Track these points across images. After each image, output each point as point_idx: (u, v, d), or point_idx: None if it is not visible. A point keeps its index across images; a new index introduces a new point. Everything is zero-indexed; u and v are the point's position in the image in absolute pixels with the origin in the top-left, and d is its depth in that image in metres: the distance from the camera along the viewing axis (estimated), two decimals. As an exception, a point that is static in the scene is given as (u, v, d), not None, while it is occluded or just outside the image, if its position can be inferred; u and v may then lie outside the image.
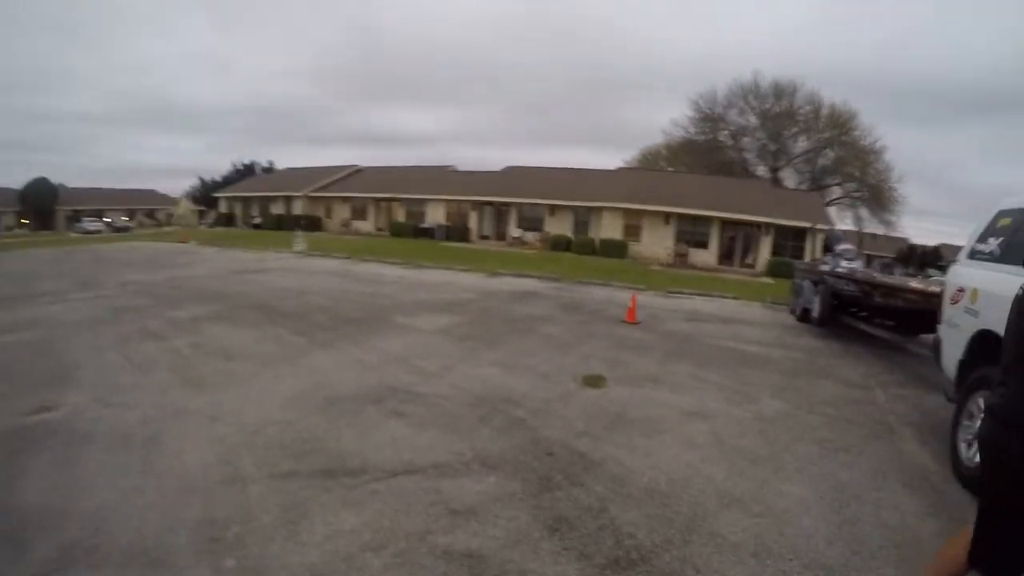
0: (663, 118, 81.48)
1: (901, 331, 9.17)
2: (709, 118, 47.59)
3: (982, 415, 4.14)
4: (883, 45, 77.50)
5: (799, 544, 3.32)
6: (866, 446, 5.03)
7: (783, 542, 3.33)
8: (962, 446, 4.47)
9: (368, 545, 3.03)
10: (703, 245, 31.46)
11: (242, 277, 12.38)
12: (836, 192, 45.03)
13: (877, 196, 42.50)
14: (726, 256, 31.51)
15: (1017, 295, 2.20)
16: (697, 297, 15.35)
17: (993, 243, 4.90)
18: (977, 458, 4.16)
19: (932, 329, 9.04)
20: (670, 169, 45.87)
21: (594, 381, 6.27)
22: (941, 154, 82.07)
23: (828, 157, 45.17)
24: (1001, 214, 4.96)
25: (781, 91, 45.06)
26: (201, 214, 58.54)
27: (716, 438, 4.87)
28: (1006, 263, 4.55)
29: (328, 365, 6.32)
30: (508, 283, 14.86)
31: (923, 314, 8.69)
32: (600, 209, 32.85)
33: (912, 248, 21.34)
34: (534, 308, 11.00)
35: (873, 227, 42.76)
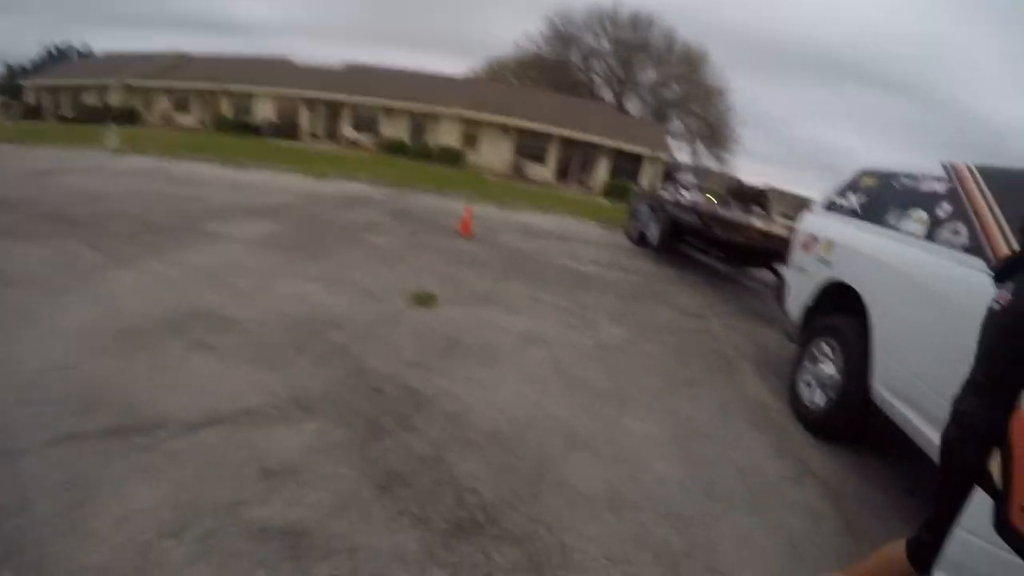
0: (518, 31, 79.85)
1: (733, 263, 9.43)
2: (563, 37, 46.96)
3: (824, 360, 4.33)
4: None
5: (654, 492, 3.06)
6: (709, 380, 4.92)
7: (637, 490, 3.05)
8: (802, 387, 4.55)
9: (168, 529, 2.24)
10: (541, 160, 31.30)
11: (38, 181, 10.17)
12: (677, 124, 46.69)
13: (715, 134, 44.69)
14: (563, 174, 31.60)
15: (992, 308, 1.99)
16: (533, 212, 15.02)
17: (853, 199, 4.93)
18: (816, 399, 4.31)
19: (765, 265, 9.65)
20: (516, 83, 45.14)
21: (425, 299, 5.61)
22: (778, 106, 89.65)
23: (674, 91, 46.41)
24: (865, 173, 4.99)
25: (639, 22, 45.29)
26: (6, 107, 49.49)
27: (557, 368, 4.47)
28: (866, 220, 4.58)
29: (126, 286, 4.97)
30: (337, 187, 13.58)
31: (758, 251, 9.09)
32: (439, 116, 31.47)
33: (741, 186, 22.77)
34: (363, 215, 10.01)
35: (707, 161, 45.11)
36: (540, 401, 3.85)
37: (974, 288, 3.01)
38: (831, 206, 5.22)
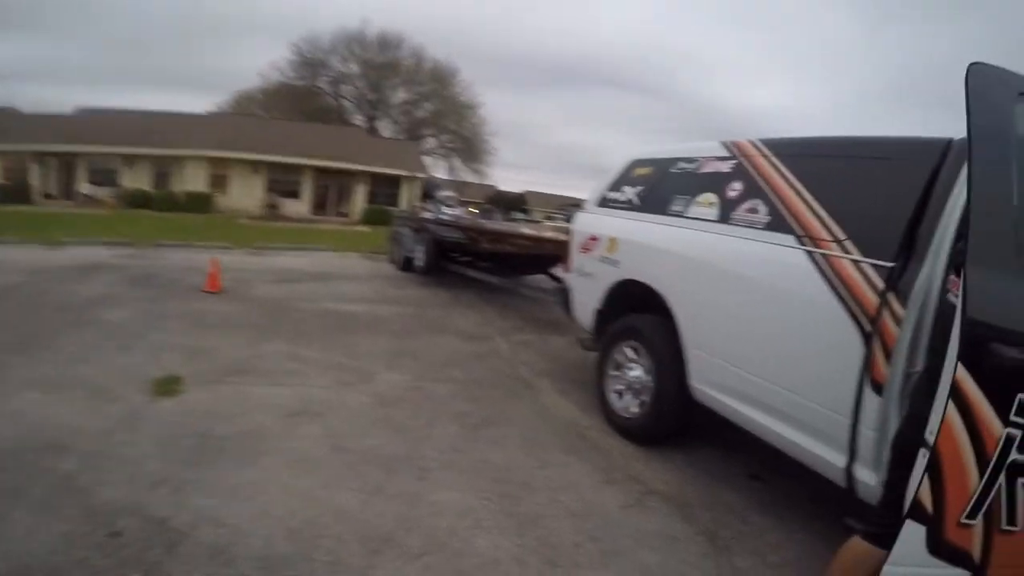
0: (263, 60, 75.66)
1: (506, 274, 9.20)
2: (310, 63, 44.93)
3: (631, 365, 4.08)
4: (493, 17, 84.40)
5: None
6: (509, 413, 4.38)
7: None
8: (612, 397, 4.26)
9: None
10: (296, 195, 29.66)
11: None
12: (431, 142, 47.05)
13: (470, 148, 45.48)
14: (320, 206, 30.26)
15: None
16: (290, 253, 13.60)
17: (630, 192, 4.66)
18: (631, 406, 4.04)
19: (540, 272, 9.46)
20: (264, 115, 42.56)
21: (168, 386, 4.27)
22: (527, 115, 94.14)
23: (426, 109, 46.57)
24: (637, 163, 4.78)
25: (387, 43, 44.70)
26: None
27: (336, 444, 3.56)
28: (649, 212, 4.32)
29: None
30: (70, 255, 11.00)
31: (531, 258, 8.92)
32: (184, 159, 28.12)
33: (500, 194, 23.40)
34: (96, 286, 8.03)
35: (465, 175, 45.78)
36: (322, 495, 2.94)
37: (785, 265, 2.93)
38: (605, 202, 4.92)
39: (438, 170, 43.62)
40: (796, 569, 2.80)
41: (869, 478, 2.46)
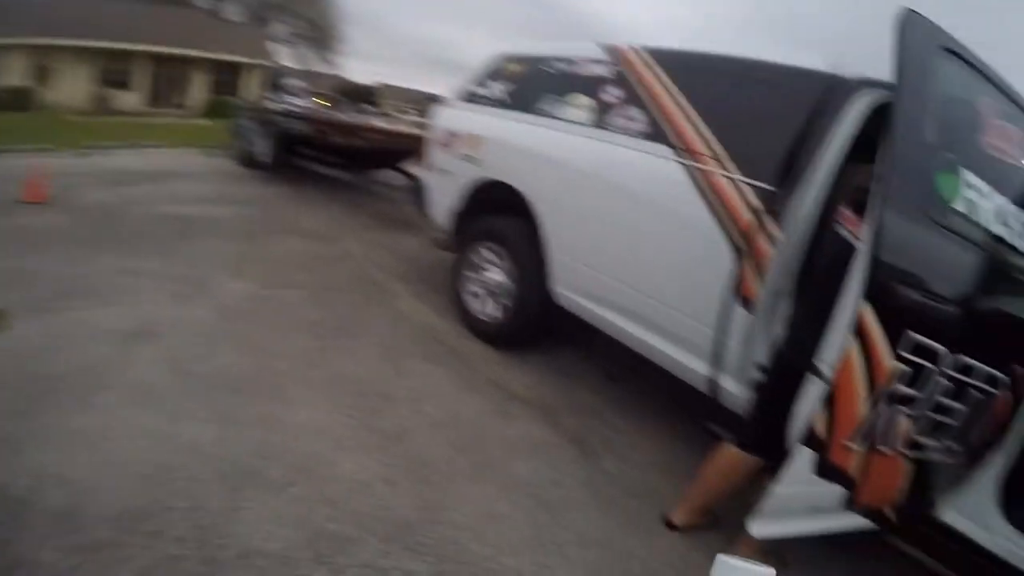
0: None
1: (356, 170, 8.75)
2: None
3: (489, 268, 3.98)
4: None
5: (360, 506, 2.28)
6: (364, 318, 4.16)
7: (341, 516, 2.21)
8: (469, 299, 4.18)
9: None
10: (128, 86, 25.59)
11: None
12: (279, 29, 42.90)
13: (321, 35, 41.43)
14: (156, 98, 26.38)
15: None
16: (123, 152, 11.75)
17: (499, 88, 4.36)
18: (490, 309, 3.96)
19: (391, 167, 9.04)
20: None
21: None
22: (385, 4, 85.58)
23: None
24: (509, 59, 4.47)
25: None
26: None
27: (180, 369, 3.11)
28: (518, 111, 4.08)
29: None
30: None
31: (382, 153, 8.54)
32: None
33: (351, 86, 21.99)
34: None
35: (315, 65, 42.13)
36: (171, 431, 2.56)
37: (660, 176, 2.91)
38: (472, 98, 4.60)
39: (286, 59, 39.89)
40: (661, 468, 2.95)
41: (733, 387, 2.60)
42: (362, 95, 11.57)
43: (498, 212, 4.02)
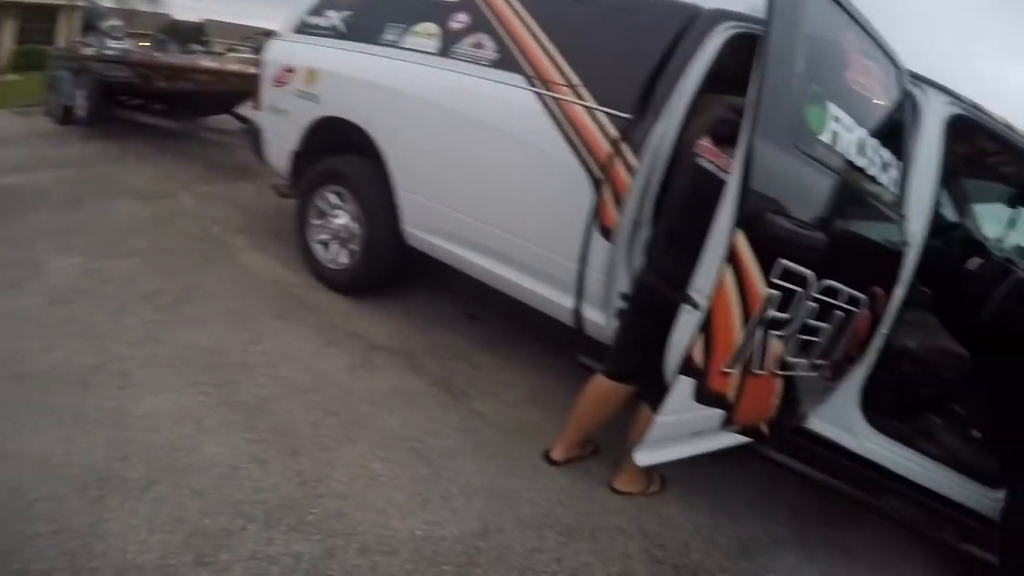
0: None
1: (185, 116, 7.97)
2: None
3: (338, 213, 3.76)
4: None
5: (226, 489, 2.08)
6: (206, 281, 3.79)
7: (216, 504, 2.01)
8: (318, 248, 3.94)
9: None
10: None
11: None
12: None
13: None
14: None
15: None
16: None
17: (335, 16, 4.01)
18: (339, 257, 3.81)
19: (224, 111, 8.23)
20: None
21: None
22: None
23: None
24: None
25: None
26: None
27: (14, 373, 2.63)
28: (356, 40, 3.78)
29: None
30: None
31: (212, 96, 7.78)
32: None
33: (175, 24, 19.98)
34: None
35: (134, 3, 37.90)
36: (15, 447, 2.17)
37: (512, 105, 2.84)
38: (305, 28, 4.21)
39: (103, -3, 35.62)
40: (533, 404, 2.96)
41: (599, 318, 2.63)
42: (189, 33, 10.52)
43: (340, 152, 3.77)
